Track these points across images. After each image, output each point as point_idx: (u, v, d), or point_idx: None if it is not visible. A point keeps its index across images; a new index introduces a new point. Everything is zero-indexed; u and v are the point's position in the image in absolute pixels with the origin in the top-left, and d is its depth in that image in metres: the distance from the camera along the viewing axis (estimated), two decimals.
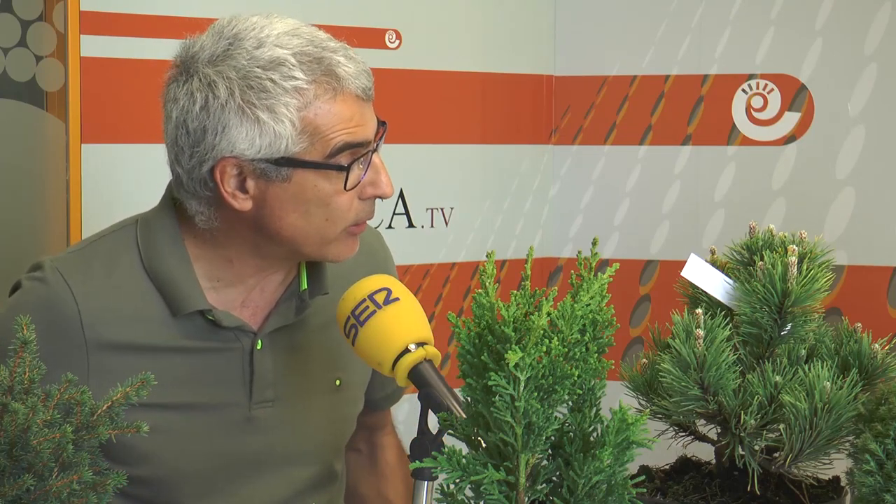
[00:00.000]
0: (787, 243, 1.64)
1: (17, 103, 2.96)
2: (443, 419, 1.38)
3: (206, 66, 1.74)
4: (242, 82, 1.72)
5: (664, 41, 3.29)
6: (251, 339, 1.84)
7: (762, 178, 3.20)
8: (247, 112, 1.71)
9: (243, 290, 1.85)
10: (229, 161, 1.73)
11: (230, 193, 1.75)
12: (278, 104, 1.71)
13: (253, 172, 1.74)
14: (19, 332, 1.31)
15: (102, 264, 1.82)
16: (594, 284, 1.33)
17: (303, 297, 1.87)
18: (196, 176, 1.76)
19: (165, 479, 1.82)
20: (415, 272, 3.15)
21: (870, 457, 1.46)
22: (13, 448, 1.27)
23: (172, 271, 1.81)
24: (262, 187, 1.75)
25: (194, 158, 1.75)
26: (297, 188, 1.74)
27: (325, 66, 1.74)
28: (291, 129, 1.72)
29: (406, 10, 3.10)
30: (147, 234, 1.83)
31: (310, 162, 1.73)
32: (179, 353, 1.81)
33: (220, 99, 1.72)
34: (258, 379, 1.84)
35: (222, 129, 1.72)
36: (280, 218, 1.76)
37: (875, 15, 3.09)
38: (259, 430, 1.86)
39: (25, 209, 2.96)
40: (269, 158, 1.73)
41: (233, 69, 1.72)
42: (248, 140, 1.72)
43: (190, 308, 1.80)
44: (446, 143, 3.20)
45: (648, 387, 1.66)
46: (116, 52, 2.61)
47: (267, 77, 1.71)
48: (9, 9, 2.94)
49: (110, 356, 1.78)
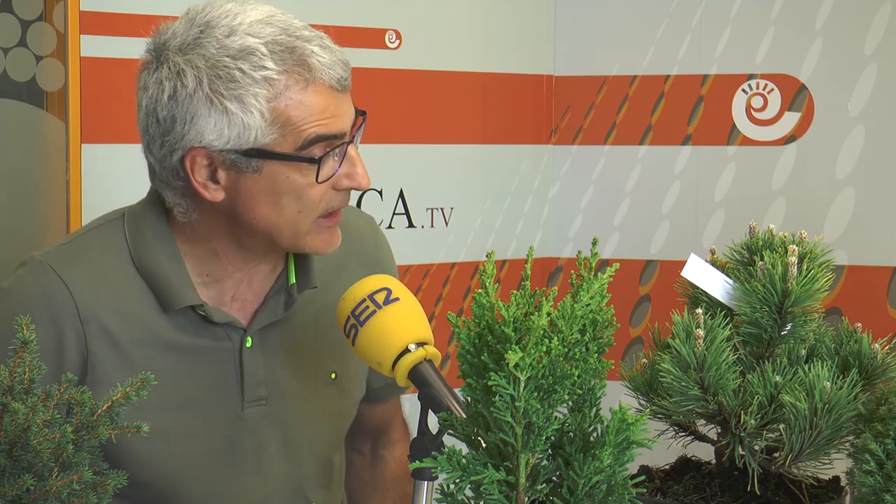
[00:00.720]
0: (787, 243, 1.64)
1: (17, 103, 2.96)
2: (443, 419, 1.38)
3: (176, 55, 1.72)
4: (211, 72, 1.69)
5: (664, 41, 3.29)
6: (241, 337, 1.82)
7: (762, 178, 3.20)
8: (215, 102, 1.69)
9: (231, 284, 1.83)
10: (199, 151, 1.71)
11: (201, 184, 1.73)
12: (247, 94, 1.69)
13: (223, 163, 1.72)
14: (19, 332, 1.30)
15: (91, 259, 1.80)
16: (594, 284, 1.33)
17: (291, 292, 1.85)
18: (167, 165, 1.74)
19: (161, 483, 1.81)
20: (415, 272, 3.15)
21: (870, 457, 1.46)
22: (13, 448, 1.26)
23: (163, 266, 1.79)
24: (234, 178, 1.73)
25: (164, 148, 1.73)
26: (268, 180, 1.72)
27: (297, 55, 1.71)
28: (261, 120, 1.69)
29: (406, 10, 3.09)
30: (135, 228, 1.82)
31: (280, 154, 1.71)
32: (170, 351, 1.79)
33: (189, 88, 1.70)
34: (248, 377, 1.82)
35: (190, 118, 1.70)
36: (252, 209, 1.74)
37: (875, 15, 3.09)
38: (253, 428, 1.84)
39: (25, 209, 2.96)
40: (239, 149, 1.71)
41: (202, 58, 1.70)
42: (216, 131, 1.70)
43: (181, 303, 1.78)
44: (446, 143, 3.20)
45: (648, 387, 1.66)
46: (116, 52, 2.61)
47: (236, 67, 1.69)
48: (9, 9, 2.94)
49: (105, 348, 1.77)
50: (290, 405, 1.87)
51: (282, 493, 1.90)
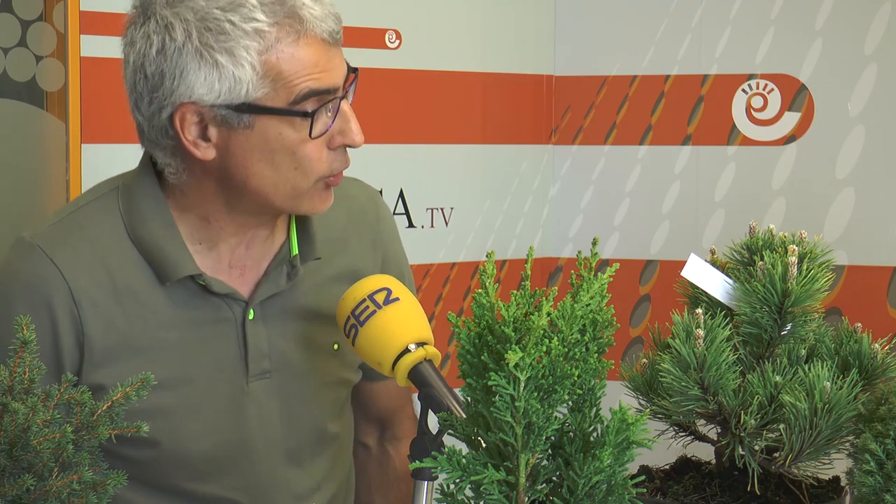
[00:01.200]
0: (787, 243, 1.64)
1: (17, 103, 2.96)
2: (443, 419, 1.38)
3: (164, 8, 1.68)
4: (200, 24, 1.66)
5: (664, 41, 3.29)
6: (242, 309, 1.79)
7: (762, 178, 3.20)
8: (205, 55, 1.66)
9: (226, 251, 1.79)
10: (189, 107, 1.68)
11: (191, 142, 1.70)
12: (238, 47, 1.65)
13: (214, 119, 1.69)
14: (19, 332, 1.30)
15: (85, 236, 1.77)
16: (594, 284, 1.33)
17: (294, 263, 1.82)
18: (156, 123, 1.71)
19: (166, 461, 1.79)
20: (415, 272, 3.13)
21: (870, 457, 1.46)
22: (13, 448, 1.27)
23: (158, 237, 1.75)
24: (225, 135, 1.69)
25: (153, 105, 1.70)
26: (260, 136, 1.69)
27: (288, 7, 1.67)
28: (252, 74, 1.66)
29: (406, 10, 3.10)
30: (129, 200, 1.78)
31: (272, 108, 1.67)
32: (170, 327, 1.76)
33: (178, 42, 1.66)
34: (252, 350, 1.79)
35: (180, 73, 1.67)
36: (245, 167, 1.70)
37: (875, 15, 3.09)
38: (257, 402, 1.82)
39: (25, 209, 2.96)
40: (230, 104, 1.67)
41: (190, 10, 1.67)
42: (206, 85, 1.66)
43: (179, 274, 1.75)
44: (446, 143, 3.20)
45: (648, 387, 1.66)
46: (116, 52, 2.59)
47: (226, 19, 1.65)
48: (9, 9, 2.94)
49: (101, 329, 1.74)
50: (293, 378, 1.84)
51: (278, 462, 1.87)
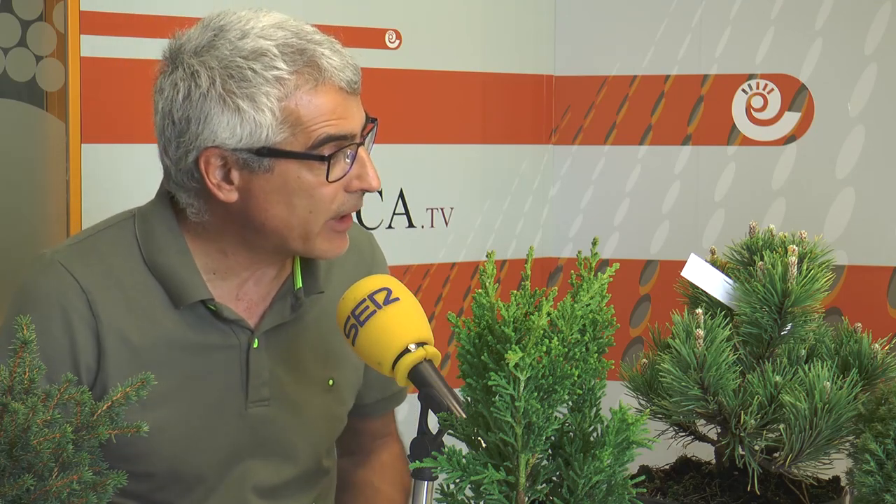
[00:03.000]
0: (787, 243, 1.64)
1: (17, 103, 2.95)
2: (443, 419, 1.38)
3: (191, 57, 1.76)
4: (224, 71, 1.73)
5: (664, 41, 3.29)
6: (248, 337, 1.85)
7: (762, 178, 3.20)
8: (227, 101, 1.73)
9: (237, 284, 1.86)
10: (213, 151, 1.75)
11: (216, 185, 1.77)
12: (258, 93, 1.72)
13: (236, 163, 1.75)
14: (19, 332, 1.31)
15: (102, 259, 1.83)
16: (594, 284, 1.33)
17: (298, 296, 1.88)
18: (183, 167, 1.78)
19: (162, 476, 1.83)
20: (415, 272, 3.15)
21: (870, 457, 1.46)
22: (13, 448, 1.27)
23: (173, 263, 1.82)
24: (247, 178, 1.76)
25: (180, 149, 1.77)
26: (280, 179, 1.76)
27: (307, 56, 1.75)
28: (272, 119, 1.73)
29: (406, 10, 3.10)
30: (145, 227, 1.85)
31: (290, 152, 1.74)
32: (180, 349, 1.82)
33: (202, 88, 1.74)
34: (253, 377, 1.85)
35: (204, 118, 1.74)
36: (265, 210, 1.77)
37: (875, 15, 3.09)
38: (253, 427, 1.87)
39: (25, 209, 2.96)
40: (251, 148, 1.74)
41: (215, 59, 1.74)
42: (229, 129, 1.73)
43: (192, 298, 1.81)
44: (446, 143, 3.20)
45: (648, 387, 1.66)
46: (116, 52, 2.61)
47: (248, 66, 1.73)
48: (9, 9, 2.93)
49: (116, 345, 1.79)
50: (290, 407, 1.90)
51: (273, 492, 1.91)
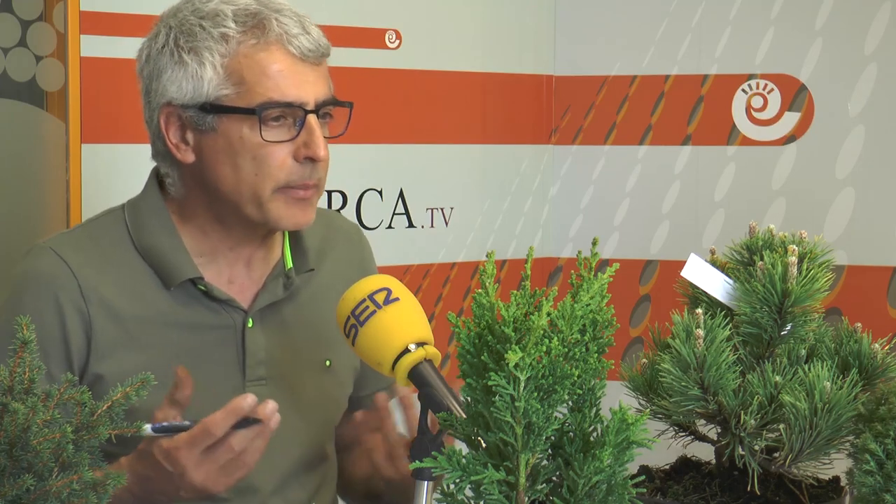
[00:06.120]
0: (787, 243, 1.64)
1: (17, 103, 2.95)
2: (443, 419, 1.38)
3: (160, 20, 1.85)
4: (177, 29, 1.81)
5: (664, 41, 3.29)
6: (242, 317, 1.86)
7: (762, 178, 3.20)
8: (174, 55, 1.80)
9: (226, 266, 1.88)
10: (169, 110, 1.81)
11: (175, 145, 1.82)
12: (202, 48, 1.78)
13: (188, 122, 1.80)
14: (20, 332, 1.31)
15: (94, 244, 1.86)
16: (594, 284, 1.33)
17: (289, 275, 1.90)
18: (153, 129, 1.85)
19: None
20: (415, 272, 3.15)
21: (870, 457, 1.46)
22: (13, 448, 1.27)
23: (162, 244, 1.84)
24: (198, 138, 1.81)
25: (147, 109, 1.84)
26: (224, 139, 1.79)
27: (259, 19, 1.80)
28: (213, 74, 1.78)
29: (406, 10, 3.09)
30: (134, 213, 1.88)
31: (227, 107, 1.78)
32: (173, 328, 1.83)
33: (158, 44, 1.82)
34: (250, 356, 1.86)
35: (158, 74, 1.82)
36: (215, 170, 1.81)
37: (875, 15, 3.09)
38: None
39: (25, 209, 2.95)
40: (196, 103, 1.79)
41: (175, 19, 1.82)
42: (176, 83, 1.79)
43: (182, 277, 1.83)
44: (446, 143, 3.20)
45: (648, 387, 1.66)
46: (116, 52, 2.61)
47: (198, 24, 1.79)
48: (9, 9, 2.93)
49: (108, 325, 1.81)
50: (287, 387, 1.90)
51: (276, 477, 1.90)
